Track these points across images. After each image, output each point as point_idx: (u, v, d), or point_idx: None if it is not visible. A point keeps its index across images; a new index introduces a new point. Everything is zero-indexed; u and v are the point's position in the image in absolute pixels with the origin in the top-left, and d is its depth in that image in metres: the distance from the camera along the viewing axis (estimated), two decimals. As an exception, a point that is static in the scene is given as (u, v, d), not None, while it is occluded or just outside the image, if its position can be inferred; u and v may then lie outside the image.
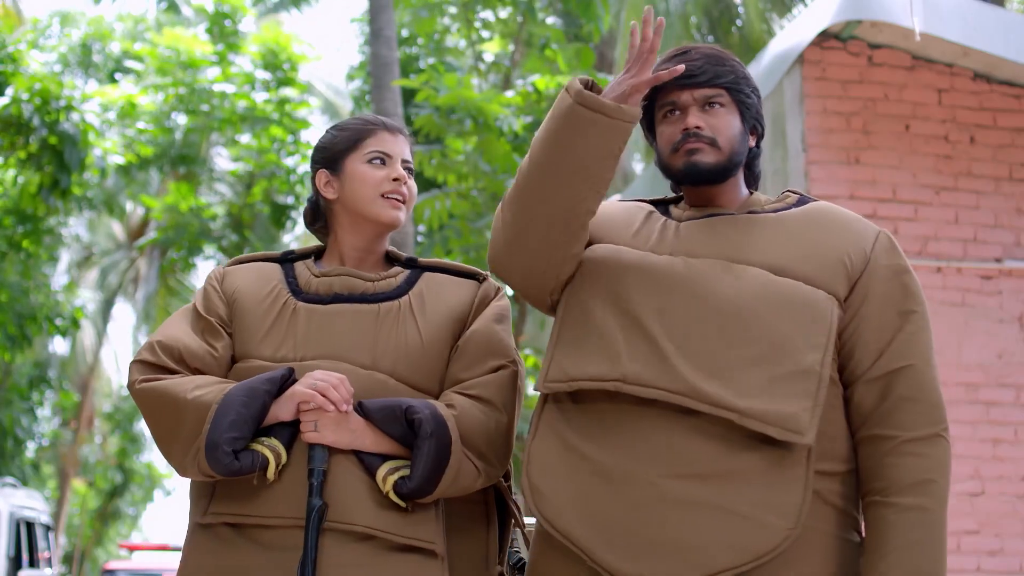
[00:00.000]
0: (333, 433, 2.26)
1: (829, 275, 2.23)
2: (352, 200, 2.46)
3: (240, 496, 2.26)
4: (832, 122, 7.06)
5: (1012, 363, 6.93)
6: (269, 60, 15.96)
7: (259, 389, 2.25)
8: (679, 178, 2.38)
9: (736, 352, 2.15)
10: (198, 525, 2.31)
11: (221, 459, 2.20)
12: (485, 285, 2.54)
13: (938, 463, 2.23)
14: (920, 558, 2.16)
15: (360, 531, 2.23)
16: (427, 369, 2.39)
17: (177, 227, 15.67)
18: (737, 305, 2.18)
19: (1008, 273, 7.03)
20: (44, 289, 15.17)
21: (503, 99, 8.74)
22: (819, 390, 2.13)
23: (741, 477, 2.11)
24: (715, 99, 2.34)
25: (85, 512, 30.29)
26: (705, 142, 2.31)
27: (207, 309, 2.44)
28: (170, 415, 2.27)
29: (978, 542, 6.68)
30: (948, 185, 7.10)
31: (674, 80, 2.30)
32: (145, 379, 2.32)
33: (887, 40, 7.11)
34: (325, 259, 2.54)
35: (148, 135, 15.47)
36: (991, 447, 6.81)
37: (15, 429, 18.04)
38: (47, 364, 21.29)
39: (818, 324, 2.17)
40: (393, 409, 2.28)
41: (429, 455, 2.24)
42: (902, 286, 2.29)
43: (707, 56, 2.36)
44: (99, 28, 19.35)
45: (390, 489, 2.25)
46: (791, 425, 2.09)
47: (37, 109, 12.19)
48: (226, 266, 2.57)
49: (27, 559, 11.55)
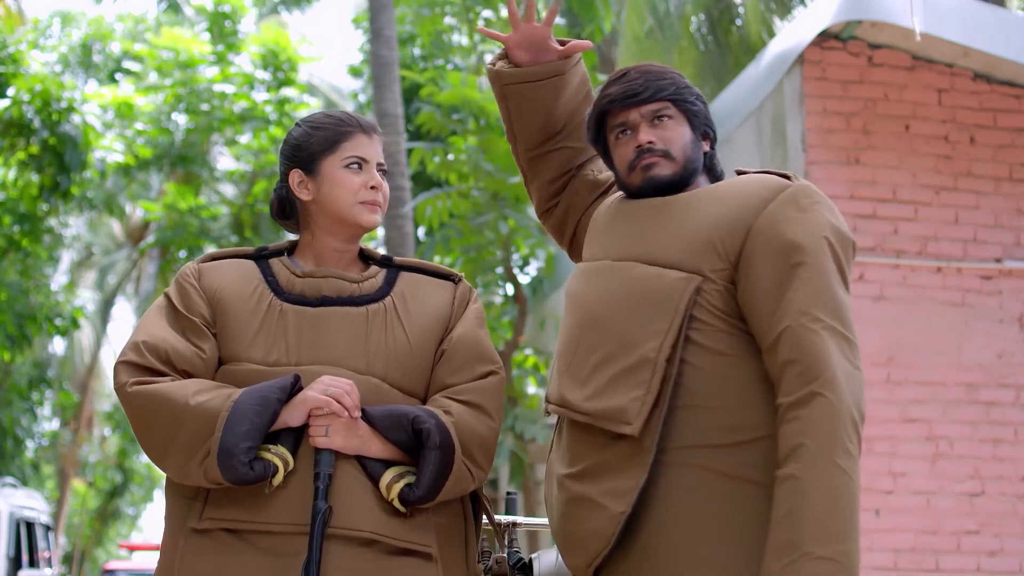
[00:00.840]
0: (343, 439, 2.26)
1: (694, 252, 2.29)
2: (329, 204, 2.45)
3: (238, 501, 2.24)
4: (832, 122, 7.06)
5: (1012, 363, 6.93)
6: (269, 60, 15.96)
7: (271, 397, 2.23)
8: (639, 195, 2.45)
9: (594, 357, 2.30)
10: (193, 531, 2.27)
11: (237, 468, 2.18)
12: (461, 287, 2.54)
13: (810, 424, 2.11)
14: (788, 531, 2.06)
15: (365, 536, 2.24)
16: (415, 372, 2.40)
17: (177, 227, 15.66)
18: (598, 311, 2.33)
19: (1008, 273, 7.03)
20: (44, 289, 15.16)
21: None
22: (653, 376, 2.21)
23: (603, 469, 2.25)
24: (662, 112, 2.42)
25: (85, 512, 30.28)
26: (659, 155, 2.40)
27: (188, 308, 2.39)
28: (167, 420, 2.24)
29: (978, 542, 6.68)
30: (948, 185, 7.10)
31: (620, 100, 2.42)
32: (137, 381, 2.28)
33: (887, 40, 7.12)
34: (300, 257, 2.51)
35: (147, 136, 15.46)
36: (991, 447, 6.81)
37: (15, 429, 18.03)
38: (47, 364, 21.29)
39: (662, 309, 2.25)
40: (399, 418, 2.29)
41: (435, 465, 2.27)
42: (784, 243, 2.27)
43: (646, 73, 2.45)
44: (100, 28, 19.35)
45: (395, 496, 2.27)
46: (620, 417, 2.21)
47: (38, 110, 12.19)
48: (199, 263, 2.50)
49: (27, 559, 11.55)
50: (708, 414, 2.22)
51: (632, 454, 2.21)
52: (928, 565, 6.61)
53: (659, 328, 2.24)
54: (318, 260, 2.48)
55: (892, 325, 6.85)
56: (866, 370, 7.09)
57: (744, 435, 2.21)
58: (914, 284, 6.93)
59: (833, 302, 2.27)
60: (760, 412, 2.22)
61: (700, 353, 2.25)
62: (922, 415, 6.77)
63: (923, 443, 6.74)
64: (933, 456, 6.75)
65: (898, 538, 6.60)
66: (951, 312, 6.93)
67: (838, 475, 2.08)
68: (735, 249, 2.28)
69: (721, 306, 2.27)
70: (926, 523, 6.66)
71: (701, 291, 2.26)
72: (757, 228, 2.28)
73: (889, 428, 6.72)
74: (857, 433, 2.14)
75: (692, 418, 2.22)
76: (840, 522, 2.06)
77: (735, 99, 8.23)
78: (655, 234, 2.36)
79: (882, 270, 6.91)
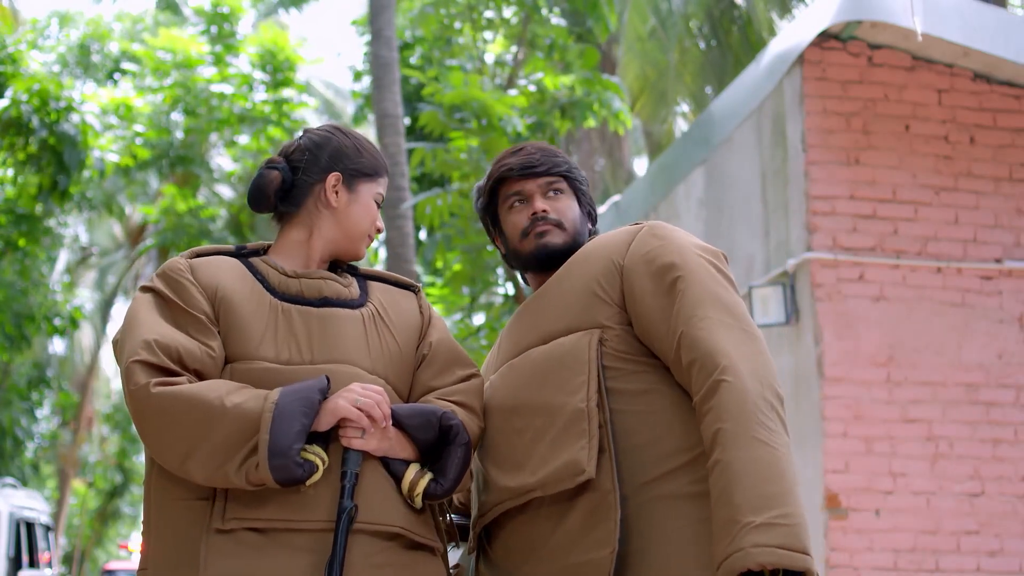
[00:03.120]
0: (378, 442, 2.29)
1: (583, 310, 2.41)
2: (351, 223, 2.50)
3: (267, 500, 2.23)
4: (832, 122, 7.06)
5: (1012, 363, 6.93)
6: (267, 61, 15.96)
7: (313, 399, 2.23)
8: (529, 263, 2.58)
9: (525, 437, 2.38)
10: (217, 531, 2.22)
11: (290, 468, 2.18)
12: (421, 295, 2.62)
13: (721, 410, 2.18)
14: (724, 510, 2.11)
15: (392, 530, 2.27)
16: (404, 375, 2.46)
17: (176, 228, 15.66)
18: (513, 401, 2.43)
19: (1008, 273, 7.03)
20: (42, 289, 15.16)
21: (508, 99, 8.73)
22: (590, 423, 2.29)
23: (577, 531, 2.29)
24: (555, 185, 2.58)
25: (85, 512, 30.28)
26: (552, 224, 2.54)
27: (188, 304, 2.34)
28: (198, 423, 2.19)
29: (978, 542, 6.67)
30: (948, 185, 7.09)
31: (518, 170, 2.57)
32: (160, 382, 2.22)
33: (887, 40, 7.11)
34: (285, 255, 2.49)
35: (145, 138, 15.46)
36: (991, 447, 6.81)
37: (14, 429, 18.03)
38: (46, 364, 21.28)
39: (575, 367, 2.35)
40: (427, 416, 2.34)
41: (461, 461, 2.34)
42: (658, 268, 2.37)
43: (542, 149, 2.62)
44: (98, 28, 19.34)
45: (420, 492, 2.31)
46: (573, 469, 2.27)
47: (36, 110, 12.18)
48: (188, 259, 2.46)
49: (27, 559, 11.55)
50: (649, 448, 2.31)
51: (596, 502, 2.27)
52: (928, 565, 6.61)
53: (579, 382, 2.33)
54: (301, 262, 2.48)
55: (892, 325, 6.85)
56: (866, 370, 7.11)
57: (687, 455, 2.29)
58: (914, 284, 6.93)
59: (718, 300, 2.33)
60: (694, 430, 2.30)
61: (622, 398, 2.34)
62: (922, 415, 6.77)
63: (923, 443, 6.74)
64: (933, 456, 6.74)
65: (898, 538, 6.60)
66: (951, 312, 6.93)
67: (758, 447, 2.14)
68: (617, 290, 2.40)
69: (625, 349, 2.37)
70: (926, 523, 6.65)
71: (603, 341, 2.37)
72: (628, 265, 2.41)
73: (889, 428, 6.71)
74: (773, 409, 2.20)
75: (637, 458, 2.30)
76: (771, 488, 2.10)
77: (735, 99, 8.23)
78: (540, 317, 2.48)
79: (882, 270, 6.91)
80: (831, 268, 6.85)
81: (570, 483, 2.28)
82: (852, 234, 6.93)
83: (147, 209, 17.02)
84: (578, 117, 9.15)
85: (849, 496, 6.59)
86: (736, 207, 8.06)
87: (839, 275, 6.86)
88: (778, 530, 2.05)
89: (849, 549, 6.51)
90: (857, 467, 6.64)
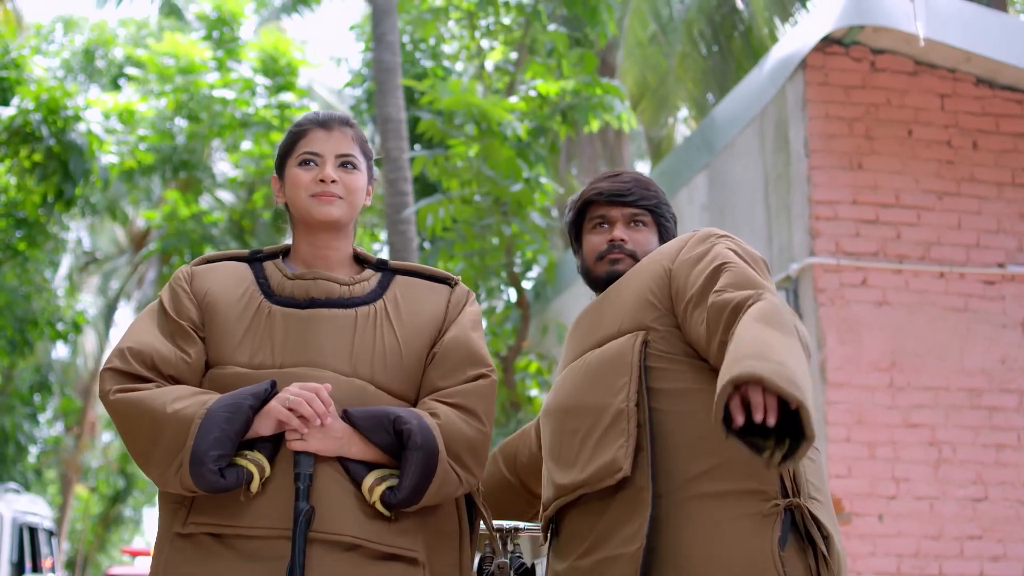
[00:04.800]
0: (319, 441, 2.25)
1: (633, 314, 2.49)
2: (291, 203, 2.50)
3: (221, 506, 2.24)
4: (834, 127, 7.06)
5: (1015, 368, 6.93)
6: (268, 66, 15.97)
7: (243, 405, 2.23)
8: (599, 285, 2.68)
9: (577, 437, 2.48)
10: (177, 535, 2.27)
11: (206, 476, 2.18)
12: (457, 289, 2.55)
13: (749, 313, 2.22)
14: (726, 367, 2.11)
15: (347, 541, 2.23)
16: (404, 375, 2.40)
17: (178, 234, 15.66)
18: (569, 402, 2.54)
19: (1011, 278, 7.03)
20: (45, 294, 15.16)
21: (507, 104, 8.74)
22: (629, 423, 2.38)
23: (609, 529, 2.40)
24: (639, 217, 2.67)
25: (87, 517, 30.27)
26: (627, 254, 2.64)
27: (177, 311, 2.39)
28: (147, 428, 2.23)
29: (981, 547, 6.67)
30: (951, 190, 7.10)
31: (607, 196, 2.66)
32: (120, 389, 2.28)
33: (889, 45, 7.12)
34: (291, 259, 2.52)
35: (148, 142, 15.47)
36: (994, 452, 6.80)
37: (17, 434, 18.03)
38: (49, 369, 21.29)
39: (619, 368, 2.44)
40: (380, 419, 2.28)
41: (417, 466, 2.26)
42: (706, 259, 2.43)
43: (636, 180, 2.70)
44: (102, 34, 19.37)
45: (377, 499, 2.26)
46: (611, 468, 2.37)
47: (44, 118, 12.18)
48: (194, 265, 2.51)
49: (30, 565, 11.55)
50: (688, 448, 2.35)
51: (631, 499, 2.36)
52: (931, 570, 6.60)
53: (621, 383, 2.42)
54: (306, 262, 2.49)
55: (894, 330, 6.85)
56: (869, 375, 7.10)
57: (723, 456, 2.31)
58: (917, 289, 6.93)
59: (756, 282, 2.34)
60: None
61: (664, 397, 2.40)
62: (925, 420, 6.77)
63: (926, 448, 6.74)
64: (936, 461, 6.74)
65: (901, 543, 6.60)
66: (954, 317, 6.93)
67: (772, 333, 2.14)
68: (665, 293, 2.47)
69: (669, 349, 2.43)
70: (929, 528, 6.65)
71: (648, 342, 2.44)
72: (676, 267, 2.47)
73: (892, 433, 6.71)
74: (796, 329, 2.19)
75: (675, 456, 2.36)
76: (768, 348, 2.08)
77: (738, 104, 8.23)
78: (598, 323, 2.58)
79: (884, 275, 6.91)
80: (834, 273, 6.85)
81: (610, 480, 2.36)
82: (855, 239, 6.93)
83: (150, 214, 17.02)
84: (579, 121, 9.16)
85: (852, 501, 6.59)
86: (739, 212, 8.06)
87: (842, 280, 6.86)
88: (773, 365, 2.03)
89: (852, 554, 6.51)
90: (860, 472, 6.64)
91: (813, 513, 2.33)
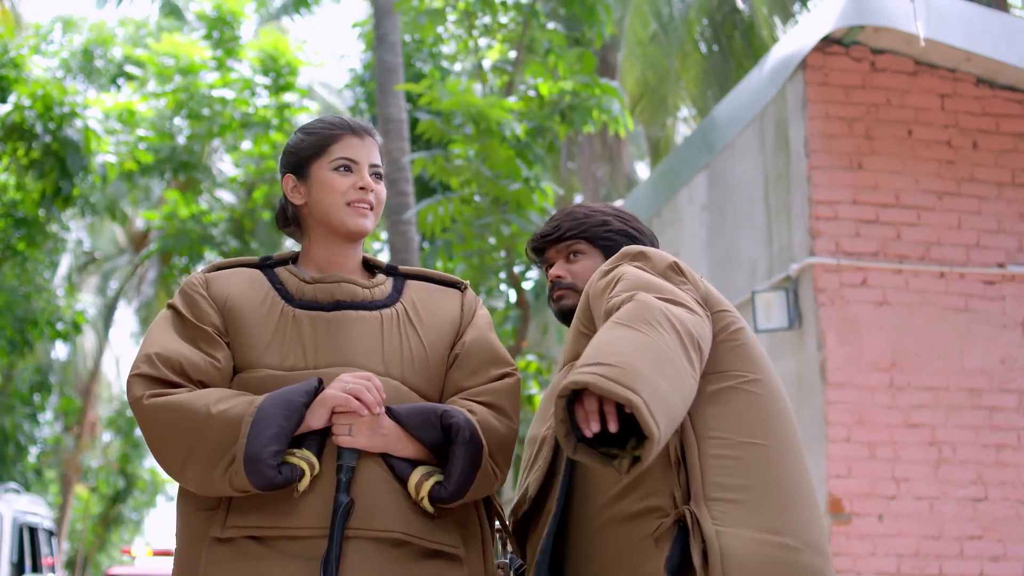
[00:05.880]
0: (367, 437, 2.25)
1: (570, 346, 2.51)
2: (319, 207, 2.45)
3: (263, 507, 2.22)
4: (835, 127, 7.06)
5: (1015, 368, 6.93)
6: (268, 65, 15.97)
7: (297, 401, 2.22)
8: (562, 320, 2.71)
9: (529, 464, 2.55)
10: (215, 540, 2.24)
11: (265, 472, 2.16)
12: (468, 293, 2.57)
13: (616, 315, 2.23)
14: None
15: (395, 537, 2.23)
16: (430, 376, 2.40)
17: (178, 234, 15.65)
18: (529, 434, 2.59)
19: (1011, 278, 7.03)
20: (45, 294, 15.16)
21: (506, 104, 8.73)
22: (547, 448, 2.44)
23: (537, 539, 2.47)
24: (574, 247, 2.69)
25: (88, 517, 30.28)
26: (566, 288, 2.68)
27: (199, 317, 2.37)
28: (188, 431, 2.21)
29: (981, 547, 6.67)
30: (951, 190, 7.09)
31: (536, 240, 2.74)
32: (153, 394, 2.25)
33: (890, 45, 7.12)
34: (304, 264, 2.51)
35: (148, 142, 15.47)
36: (994, 452, 6.80)
37: (17, 434, 18.04)
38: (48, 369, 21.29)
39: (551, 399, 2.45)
40: (427, 414, 2.29)
41: (466, 460, 2.27)
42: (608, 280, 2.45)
43: (565, 215, 2.73)
44: (101, 33, 19.35)
45: (425, 495, 2.26)
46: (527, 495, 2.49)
47: (40, 115, 12.18)
48: (205, 272, 2.50)
49: (30, 564, 11.54)
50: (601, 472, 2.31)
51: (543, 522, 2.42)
52: (931, 570, 6.60)
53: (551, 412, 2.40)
54: (320, 267, 2.48)
55: (895, 330, 6.85)
56: (869, 375, 7.10)
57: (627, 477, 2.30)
58: (917, 289, 6.93)
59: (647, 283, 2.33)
60: None
61: None
62: (925, 420, 6.77)
63: (926, 448, 6.74)
64: (936, 461, 6.74)
65: (901, 543, 6.60)
66: (954, 317, 6.93)
67: (616, 331, 2.14)
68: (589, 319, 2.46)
69: None
70: (929, 528, 6.65)
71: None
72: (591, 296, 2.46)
73: (892, 433, 6.71)
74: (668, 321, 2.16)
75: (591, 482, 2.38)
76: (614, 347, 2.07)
77: (738, 104, 8.23)
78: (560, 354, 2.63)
79: (884, 275, 6.91)
80: (834, 273, 6.85)
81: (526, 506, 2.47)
82: (855, 239, 6.93)
83: (150, 215, 17.02)
84: (577, 121, 9.15)
85: (852, 501, 6.59)
86: (739, 212, 8.06)
87: (842, 280, 6.86)
88: (603, 368, 2.02)
89: (852, 554, 6.51)
90: (860, 472, 6.64)
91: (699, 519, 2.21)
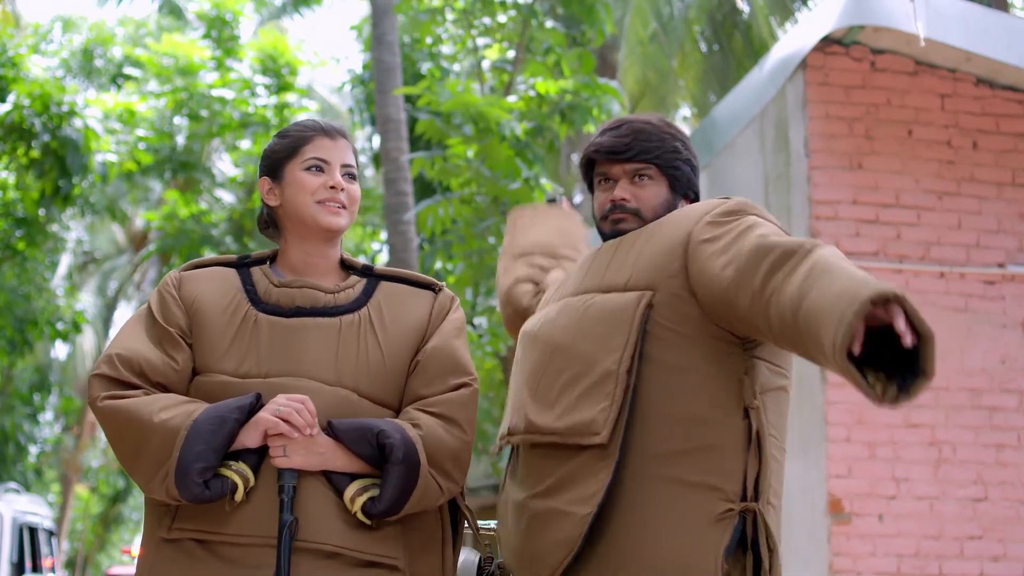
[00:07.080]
0: (302, 457, 2.28)
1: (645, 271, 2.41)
2: (291, 207, 2.48)
3: (206, 512, 2.27)
4: (834, 127, 7.05)
5: (1015, 368, 6.92)
6: (268, 65, 15.97)
7: (228, 417, 2.25)
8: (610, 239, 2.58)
9: (561, 379, 2.41)
10: (163, 540, 2.31)
11: (191, 487, 2.21)
12: (441, 296, 2.56)
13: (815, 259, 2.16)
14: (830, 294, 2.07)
15: (328, 549, 2.26)
16: (388, 384, 2.42)
17: (178, 234, 15.66)
18: (560, 339, 2.45)
19: (1011, 278, 7.03)
20: (45, 293, 15.16)
21: (505, 104, 8.73)
22: (616, 387, 2.31)
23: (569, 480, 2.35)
24: (643, 172, 2.54)
25: (88, 517, 30.29)
26: (629, 213, 2.54)
27: (165, 318, 2.41)
28: (135, 436, 2.27)
29: (981, 547, 6.67)
30: (951, 190, 7.09)
31: (604, 153, 2.55)
32: (108, 396, 2.31)
33: (890, 45, 7.11)
34: (280, 266, 2.53)
35: (148, 142, 15.47)
36: (994, 452, 6.80)
37: (17, 434, 18.05)
38: (48, 369, 21.29)
39: (618, 327, 2.36)
40: (364, 432, 2.30)
41: (398, 480, 2.28)
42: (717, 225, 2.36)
43: (636, 131, 2.55)
44: (100, 33, 19.36)
45: (358, 509, 2.29)
46: (589, 429, 2.31)
47: (38, 114, 12.18)
48: (182, 271, 2.53)
49: (30, 565, 11.55)
50: (664, 425, 2.32)
51: (596, 462, 2.31)
52: (931, 570, 6.60)
53: (617, 343, 2.34)
54: (295, 268, 2.51)
55: (895, 330, 6.83)
56: (869, 376, 7.04)
57: (696, 442, 2.30)
58: (917, 289, 6.93)
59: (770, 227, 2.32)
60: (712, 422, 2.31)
61: (655, 367, 2.34)
62: (925, 420, 6.77)
63: (926, 448, 6.73)
64: (936, 461, 6.74)
65: (901, 543, 6.60)
66: (954, 317, 6.92)
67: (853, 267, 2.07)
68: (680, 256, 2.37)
69: (674, 317, 2.36)
70: (929, 528, 6.65)
71: (653, 306, 2.36)
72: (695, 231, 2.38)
73: (892, 433, 6.71)
74: None
75: (650, 431, 2.32)
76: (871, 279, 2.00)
77: (737, 104, 8.22)
78: (611, 267, 2.48)
79: (885, 275, 6.90)
80: (834, 273, 6.84)
81: (584, 441, 2.32)
82: (855, 239, 6.93)
83: (150, 215, 17.02)
84: (578, 121, 9.15)
85: (852, 501, 6.59)
86: (738, 212, 8.04)
87: (842, 280, 6.85)
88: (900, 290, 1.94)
89: (852, 554, 6.51)
90: (860, 472, 6.64)
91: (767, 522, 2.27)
